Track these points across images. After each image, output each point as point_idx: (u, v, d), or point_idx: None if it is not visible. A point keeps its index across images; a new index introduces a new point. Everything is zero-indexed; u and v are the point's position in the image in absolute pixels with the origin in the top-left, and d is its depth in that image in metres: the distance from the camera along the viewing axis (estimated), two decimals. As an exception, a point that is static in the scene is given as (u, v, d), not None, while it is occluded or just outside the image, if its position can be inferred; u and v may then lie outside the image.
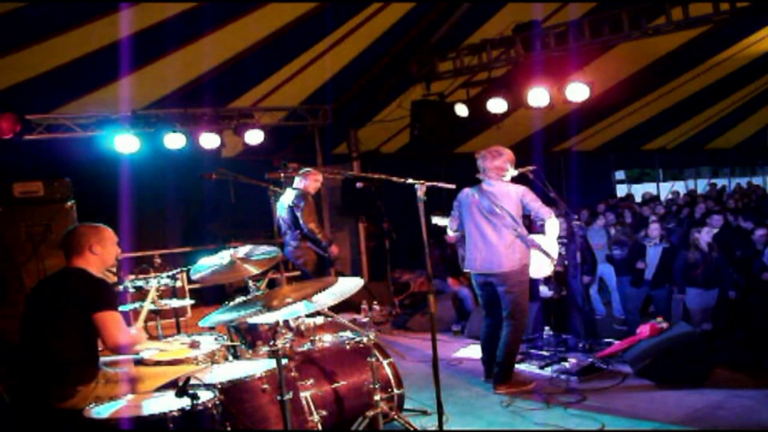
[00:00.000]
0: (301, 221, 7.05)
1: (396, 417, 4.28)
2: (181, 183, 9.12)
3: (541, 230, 5.45)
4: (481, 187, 5.48)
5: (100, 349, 3.71)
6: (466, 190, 5.55)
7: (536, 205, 5.31)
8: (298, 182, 7.32)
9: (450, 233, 5.88)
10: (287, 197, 7.21)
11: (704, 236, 7.26)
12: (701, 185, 20.90)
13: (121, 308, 5.26)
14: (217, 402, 3.28)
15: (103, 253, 3.77)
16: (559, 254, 5.66)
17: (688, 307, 7.36)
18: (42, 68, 6.83)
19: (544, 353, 6.21)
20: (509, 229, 5.29)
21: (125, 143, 7.90)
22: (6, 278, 6.78)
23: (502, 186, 5.41)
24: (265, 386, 3.65)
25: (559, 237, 5.67)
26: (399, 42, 8.72)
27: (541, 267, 5.47)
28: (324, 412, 3.97)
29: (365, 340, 4.23)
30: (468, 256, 5.55)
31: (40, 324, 3.52)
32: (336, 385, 4.17)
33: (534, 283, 7.90)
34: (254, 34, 7.44)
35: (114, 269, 3.94)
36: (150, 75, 7.54)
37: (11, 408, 3.48)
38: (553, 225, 5.33)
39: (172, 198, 9.49)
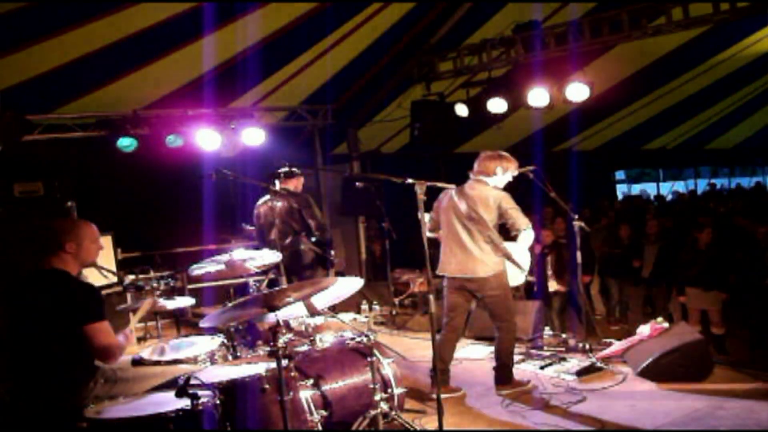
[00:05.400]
0: (312, 222, 6.87)
1: (396, 417, 4.27)
2: (181, 183, 9.12)
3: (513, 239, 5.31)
4: (462, 189, 5.33)
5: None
6: (447, 192, 5.39)
7: (515, 213, 5.17)
8: (286, 183, 7.02)
9: (427, 233, 5.78)
10: (282, 199, 6.95)
11: (705, 236, 7.26)
12: (701, 185, 20.92)
13: (119, 307, 5.28)
14: (217, 402, 3.28)
15: (79, 252, 3.56)
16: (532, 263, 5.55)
17: (688, 307, 7.37)
18: (42, 68, 6.84)
19: (544, 353, 6.21)
20: (483, 235, 5.18)
21: (126, 143, 7.90)
22: (6, 278, 6.77)
23: (483, 190, 5.26)
24: (265, 386, 3.65)
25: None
26: (399, 42, 8.72)
27: (512, 277, 5.36)
28: (324, 412, 3.97)
29: (365, 340, 4.22)
30: (442, 259, 5.39)
31: (30, 327, 3.44)
32: (336, 385, 4.16)
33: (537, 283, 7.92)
34: (254, 34, 7.44)
35: (113, 269, 3.89)
36: (150, 75, 7.54)
37: (10, 408, 3.46)
38: (527, 236, 5.21)
39: (172, 198, 9.48)
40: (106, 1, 6.20)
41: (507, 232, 5.37)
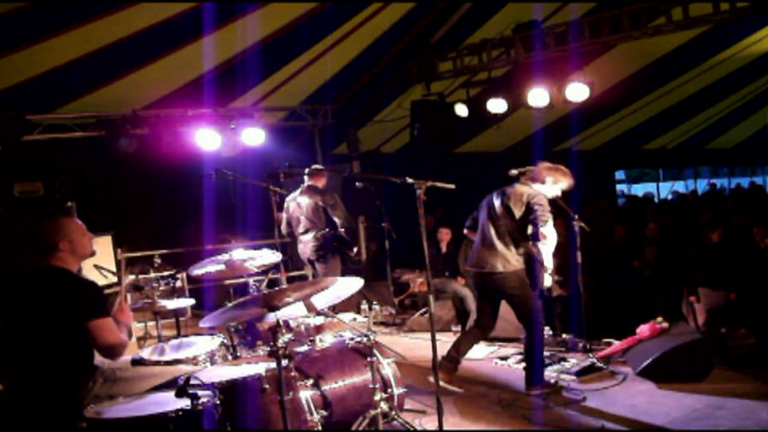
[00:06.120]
0: (337, 221, 7.20)
1: (396, 417, 4.28)
2: (181, 183, 9.12)
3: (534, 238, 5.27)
4: (503, 188, 5.43)
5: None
6: (493, 192, 5.52)
7: (540, 209, 5.17)
8: (314, 180, 7.36)
9: (465, 231, 5.87)
10: (308, 196, 7.25)
11: (716, 236, 7.27)
12: (701, 185, 20.92)
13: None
14: (217, 402, 3.28)
15: (73, 247, 3.58)
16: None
17: (696, 306, 7.36)
18: (42, 68, 6.84)
19: (544, 353, 6.19)
20: (510, 230, 5.24)
21: (126, 143, 7.90)
22: (6, 278, 6.77)
23: (522, 188, 5.34)
24: (265, 386, 3.65)
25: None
26: (399, 42, 8.72)
27: (540, 278, 5.39)
28: (324, 412, 3.97)
29: (365, 340, 4.22)
30: (469, 254, 5.57)
31: (30, 326, 3.44)
32: (336, 385, 4.16)
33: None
34: (254, 34, 7.44)
35: (113, 269, 3.88)
36: (150, 75, 7.54)
37: (10, 408, 3.45)
38: (546, 231, 5.14)
39: (172, 198, 9.49)
40: (106, 1, 6.19)
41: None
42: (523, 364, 5.87)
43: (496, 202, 5.39)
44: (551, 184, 5.42)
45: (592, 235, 8.44)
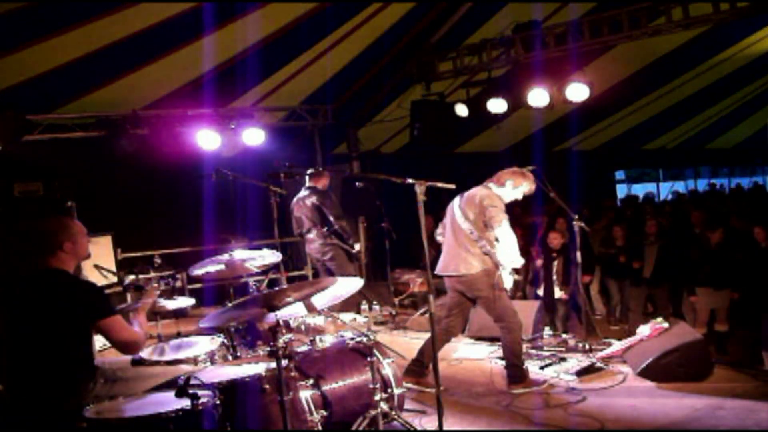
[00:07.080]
0: (331, 219, 7.51)
1: (396, 417, 4.27)
2: (181, 183, 9.12)
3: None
4: (463, 192, 5.41)
5: (99, 349, 3.67)
6: (457, 196, 5.50)
7: (494, 211, 5.13)
8: (314, 181, 7.67)
9: (438, 238, 5.81)
10: (307, 196, 7.57)
11: (716, 236, 7.28)
12: (701, 185, 20.92)
13: (119, 307, 5.27)
14: (217, 402, 3.28)
15: (75, 249, 3.58)
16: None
17: (695, 307, 7.37)
18: (42, 68, 6.85)
19: (544, 353, 6.20)
20: (470, 233, 5.21)
21: (126, 143, 7.90)
22: (5, 278, 6.76)
23: (478, 190, 5.33)
24: (265, 386, 3.65)
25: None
26: (399, 42, 8.72)
27: (504, 278, 5.33)
28: (324, 412, 3.97)
29: (365, 340, 4.22)
30: (440, 258, 5.52)
31: (31, 327, 3.43)
32: (336, 385, 4.16)
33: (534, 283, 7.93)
34: (254, 34, 7.45)
35: (113, 269, 3.88)
36: (150, 75, 7.54)
37: (10, 408, 3.45)
38: (501, 232, 5.10)
39: (172, 198, 9.48)
40: (106, 1, 6.20)
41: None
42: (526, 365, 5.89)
43: (456, 206, 5.38)
44: (511, 188, 5.37)
45: (592, 235, 8.47)
